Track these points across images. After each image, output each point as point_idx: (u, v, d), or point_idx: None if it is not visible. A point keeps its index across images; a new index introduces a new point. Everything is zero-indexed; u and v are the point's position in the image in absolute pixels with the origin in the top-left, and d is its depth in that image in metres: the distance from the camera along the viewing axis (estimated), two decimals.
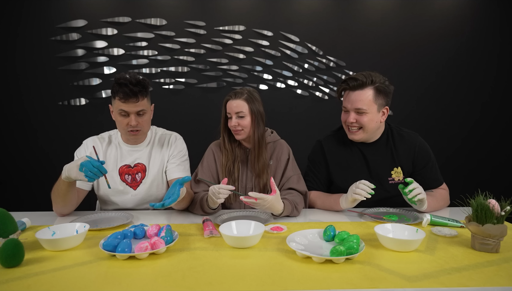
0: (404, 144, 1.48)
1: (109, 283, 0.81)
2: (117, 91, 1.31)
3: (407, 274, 0.85)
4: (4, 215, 1.01)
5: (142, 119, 1.38)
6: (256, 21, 2.71)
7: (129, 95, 1.31)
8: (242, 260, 0.94)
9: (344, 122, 1.45)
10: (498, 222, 0.97)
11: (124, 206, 1.48)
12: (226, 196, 1.24)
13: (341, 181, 1.48)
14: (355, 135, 1.44)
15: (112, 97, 1.36)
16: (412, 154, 1.47)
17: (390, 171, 1.46)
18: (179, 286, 0.80)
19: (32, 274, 0.85)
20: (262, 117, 1.45)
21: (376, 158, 1.47)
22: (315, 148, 1.59)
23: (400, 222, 1.22)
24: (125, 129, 1.38)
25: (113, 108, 1.38)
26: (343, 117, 1.46)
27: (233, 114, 1.41)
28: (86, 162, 1.14)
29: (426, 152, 1.48)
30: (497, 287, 0.79)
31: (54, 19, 2.56)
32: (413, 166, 1.47)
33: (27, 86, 2.59)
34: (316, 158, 1.57)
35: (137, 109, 1.35)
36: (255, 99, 1.44)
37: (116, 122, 1.40)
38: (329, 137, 1.58)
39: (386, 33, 2.79)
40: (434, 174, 1.49)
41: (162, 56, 2.66)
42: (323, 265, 0.90)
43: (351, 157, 1.50)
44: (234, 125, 1.41)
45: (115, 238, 0.99)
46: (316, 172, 1.55)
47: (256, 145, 1.44)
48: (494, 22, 2.82)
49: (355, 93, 1.38)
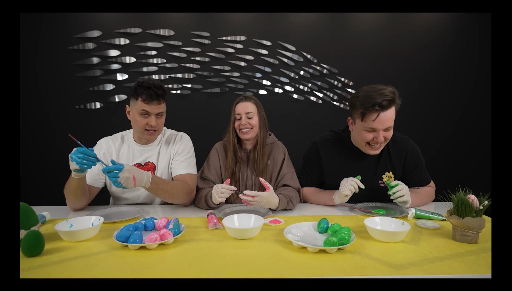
0: (396, 148, 1.44)
1: (121, 271, 0.81)
2: (141, 93, 1.32)
3: (394, 262, 0.85)
4: (26, 209, 1.01)
5: (160, 121, 1.39)
6: (256, 32, 2.71)
7: (153, 98, 1.31)
8: (243, 250, 0.94)
9: (369, 141, 1.32)
10: (477, 215, 0.98)
11: (135, 201, 1.48)
12: (227, 195, 1.26)
13: (334, 183, 1.42)
14: (377, 151, 1.35)
15: (134, 99, 1.35)
16: (403, 158, 1.43)
17: (381, 175, 1.39)
18: (186, 273, 0.80)
19: (52, 263, 0.86)
20: (265, 123, 1.50)
21: (370, 164, 1.43)
22: (310, 149, 1.53)
23: (388, 216, 1.23)
24: (142, 128, 1.37)
25: (133, 109, 1.37)
26: (367, 137, 1.30)
27: (243, 114, 1.44)
28: (73, 153, 1.14)
29: (416, 156, 1.44)
30: (475, 275, 0.79)
31: (71, 30, 2.56)
32: (403, 169, 1.45)
33: (46, 91, 2.59)
34: (311, 158, 1.52)
35: (158, 111, 1.35)
36: (261, 106, 1.50)
37: (134, 122, 1.38)
38: (326, 141, 1.50)
39: (375, 42, 2.79)
40: (423, 175, 1.47)
41: (170, 64, 2.66)
42: (317, 254, 0.90)
43: (346, 162, 1.45)
44: (244, 124, 1.43)
45: (127, 230, 0.99)
46: (310, 171, 1.53)
47: (259, 147, 1.47)
48: (473, 34, 2.83)
49: (386, 113, 1.25)
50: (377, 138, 1.29)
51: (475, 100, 2.88)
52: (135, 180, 1.18)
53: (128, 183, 1.17)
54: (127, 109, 1.41)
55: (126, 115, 1.42)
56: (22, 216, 0.98)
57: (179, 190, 1.34)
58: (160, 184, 1.28)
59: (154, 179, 1.26)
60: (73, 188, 1.26)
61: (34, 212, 1.04)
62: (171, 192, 1.31)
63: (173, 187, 1.32)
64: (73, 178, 1.24)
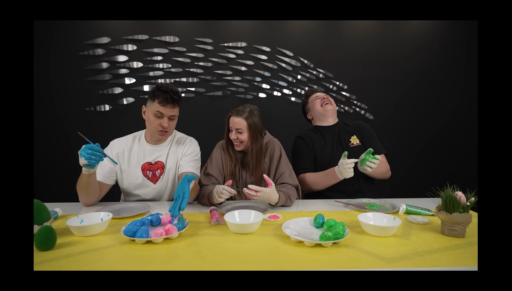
0: (352, 125, 1.74)
1: (129, 264, 0.81)
2: (158, 95, 1.33)
3: (385, 256, 0.85)
4: (39, 205, 1.01)
5: (172, 123, 1.40)
6: (255, 39, 2.71)
7: (168, 101, 1.33)
8: (244, 244, 0.94)
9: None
10: (464, 211, 0.98)
11: (144, 197, 1.48)
12: (227, 197, 1.24)
13: (321, 151, 1.65)
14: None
15: (151, 100, 1.37)
16: (358, 129, 1.71)
17: (349, 138, 1.68)
18: (190, 266, 0.80)
19: (63, 256, 0.86)
20: (260, 131, 1.44)
21: (340, 132, 1.69)
22: (297, 140, 1.72)
23: (380, 211, 1.22)
24: (155, 128, 1.38)
25: (148, 109, 1.39)
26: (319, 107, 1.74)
27: (233, 129, 1.42)
28: (82, 149, 1.15)
29: (367, 127, 1.72)
30: (463, 267, 0.79)
31: (82, 36, 2.56)
32: (360, 136, 1.69)
33: (59, 94, 2.59)
34: (300, 146, 1.68)
35: (171, 114, 1.37)
36: (254, 117, 1.42)
37: (148, 122, 1.40)
38: (304, 132, 1.75)
39: (368, 48, 2.79)
40: (378, 144, 1.67)
41: (175, 69, 2.66)
42: (314, 248, 0.90)
43: (322, 140, 1.69)
44: (233, 139, 1.43)
45: (134, 225, 0.99)
46: (303, 156, 1.64)
47: (255, 155, 1.44)
48: (460, 40, 2.82)
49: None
50: None
51: (463, 102, 2.88)
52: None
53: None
54: (143, 109, 1.43)
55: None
56: (36, 212, 0.99)
57: (193, 191, 1.34)
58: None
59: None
60: (84, 184, 1.27)
61: (46, 208, 1.04)
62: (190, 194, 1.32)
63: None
64: (83, 174, 1.24)
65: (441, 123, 2.90)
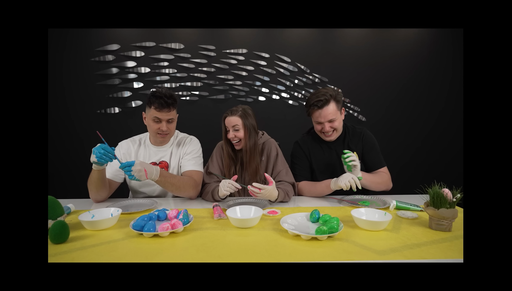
0: (355, 135, 1.55)
1: (137, 256, 0.81)
2: (153, 102, 1.32)
3: (377, 249, 0.85)
4: (53, 201, 1.01)
5: (171, 125, 1.39)
6: (256, 46, 2.71)
7: (163, 106, 1.31)
8: (245, 237, 0.94)
9: (320, 131, 1.50)
10: (451, 207, 0.98)
11: (150, 194, 1.48)
12: (232, 191, 1.25)
13: (318, 162, 1.55)
14: (331, 138, 1.50)
15: (148, 107, 1.36)
16: (360, 141, 1.53)
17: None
18: (194, 258, 0.80)
19: (76, 249, 0.86)
20: (254, 129, 1.43)
21: (338, 148, 1.52)
22: (295, 147, 1.62)
23: (372, 207, 1.23)
24: (155, 132, 1.38)
25: (147, 115, 1.38)
26: (317, 128, 1.50)
27: (230, 128, 1.41)
28: (96, 147, 1.16)
29: (370, 139, 1.54)
30: (449, 259, 0.79)
31: (93, 43, 2.56)
32: (362, 149, 1.53)
33: (71, 98, 2.59)
34: (297, 153, 1.59)
35: (168, 117, 1.36)
36: (248, 115, 1.41)
37: (148, 127, 1.40)
38: (303, 138, 1.63)
39: (361, 54, 2.79)
40: (377, 158, 1.52)
41: (180, 74, 2.66)
42: (310, 241, 0.90)
43: (320, 151, 1.56)
44: (232, 137, 1.41)
45: (142, 220, 0.99)
46: (300, 165, 1.57)
47: (248, 152, 1.43)
48: (447, 47, 2.82)
49: (323, 109, 1.41)
50: (324, 128, 1.45)
51: (449, 105, 2.88)
52: (146, 172, 1.19)
53: (140, 175, 1.17)
54: (143, 116, 1.42)
55: (142, 120, 1.43)
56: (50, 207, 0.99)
57: (185, 184, 1.34)
58: (168, 177, 1.29)
59: (162, 172, 1.26)
60: (94, 180, 1.27)
61: (60, 204, 1.04)
62: (178, 185, 1.31)
63: (179, 181, 1.32)
64: (94, 170, 1.24)
65: (430, 125, 2.89)
